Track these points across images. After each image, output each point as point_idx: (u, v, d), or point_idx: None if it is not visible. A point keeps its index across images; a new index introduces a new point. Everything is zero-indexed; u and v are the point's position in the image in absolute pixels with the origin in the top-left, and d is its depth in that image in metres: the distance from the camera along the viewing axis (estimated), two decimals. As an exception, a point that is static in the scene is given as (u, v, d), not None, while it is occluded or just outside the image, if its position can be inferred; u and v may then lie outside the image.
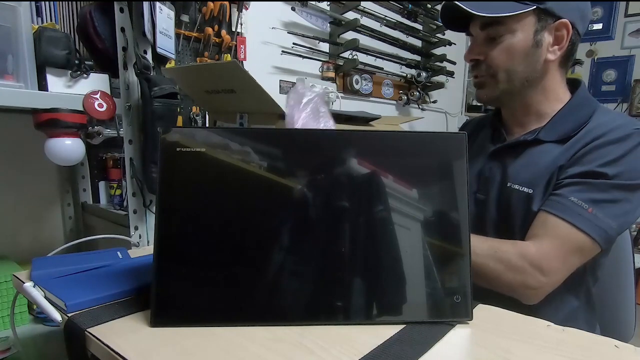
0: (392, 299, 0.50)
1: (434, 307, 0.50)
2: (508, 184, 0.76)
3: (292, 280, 0.49)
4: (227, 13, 1.66)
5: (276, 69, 1.97)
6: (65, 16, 1.23)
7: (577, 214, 0.66)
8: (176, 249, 0.49)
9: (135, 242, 0.99)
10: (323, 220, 0.50)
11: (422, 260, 0.50)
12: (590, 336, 0.49)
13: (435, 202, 0.51)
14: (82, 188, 1.30)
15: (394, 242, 0.50)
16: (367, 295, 0.50)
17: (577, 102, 0.78)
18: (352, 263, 0.50)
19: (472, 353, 0.45)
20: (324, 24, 2.15)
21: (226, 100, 1.01)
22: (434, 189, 0.51)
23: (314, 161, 0.51)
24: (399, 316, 0.50)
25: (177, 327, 0.47)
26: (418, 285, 0.50)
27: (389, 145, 0.52)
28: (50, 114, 0.83)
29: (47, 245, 1.22)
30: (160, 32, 0.95)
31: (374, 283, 0.50)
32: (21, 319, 0.94)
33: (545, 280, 0.66)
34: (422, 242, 0.50)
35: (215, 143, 0.49)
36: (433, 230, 0.51)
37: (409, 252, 0.50)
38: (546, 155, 0.74)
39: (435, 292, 0.50)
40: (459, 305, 0.50)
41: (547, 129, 0.76)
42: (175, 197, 0.49)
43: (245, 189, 0.50)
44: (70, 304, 0.51)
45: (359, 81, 2.34)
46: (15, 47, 0.80)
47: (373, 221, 0.50)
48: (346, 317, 0.49)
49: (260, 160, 0.49)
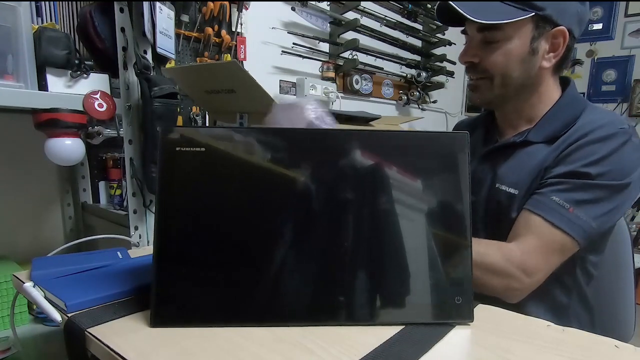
0: (394, 300, 0.50)
1: (435, 308, 0.50)
2: (497, 185, 0.77)
3: (292, 281, 0.49)
4: (227, 13, 1.66)
5: (276, 69, 1.97)
6: (65, 16, 1.23)
7: (558, 213, 0.67)
8: (176, 248, 0.48)
9: (135, 242, 0.99)
10: (323, 221, 0.50)
11: (423, 261, 0.50)
12: (590, 336, 0.49)
13: (438, 202, 0.51)
14: (82, 188, 1.30)
15: (396, 243, 0.50)
16: (369, 296, 0.50)
17: (565, 102, 0.78)
18: (353, 264, 0.49)
19: (472, 353, 0.45)
20: (324, 24, 2.15)
21: (226, 100, 1.01)
22: (435, 190, 0.51)
23: (315, 161, 0.50)
24: (400, 317, 0.50)
25: (177, 328, 0.47)
26: (419, 287, 0.50)
27: (390, 145, 0.51)
28: (50, 114, 0.83)
29: (47, 245, 1.22)
30: (160, 32, 0.95)
31: (374, 285, 0.50)
32: (21, 319, 0.94)
33: (529, 280, 0.67)
34: (424, 244, 0.50)
35: (215, 142, 0.49)
36: (435, 231, 0.51)
37: (410, 254, 0.50)
38: (534, 156, 0.75)
39: (436, 293, 0.50)
40: (460, 306, 0.50)
41: (536, 130, 0.77)
42: (175, 196, 0.49)
43: (245, 189, 0.50)
44: (70, 304, 0.51)
45: (359, 81, 2.34)
46: (15, 47, 0.80)
47: (375, 223, 0.50)
48: (346, 318, 0.49)
49: (261, 159, 0.49)
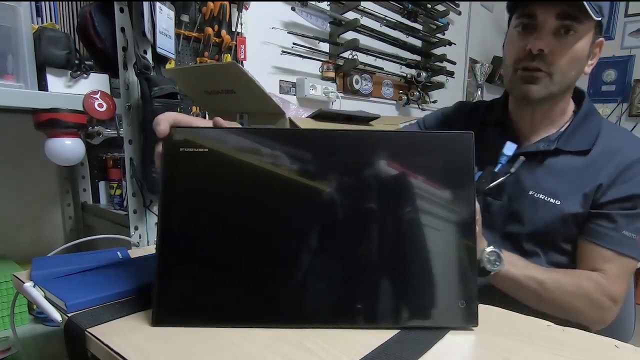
0: (394, 303, 0.49)
1: (437, 312, 0.49)
2: (530, 192, 0.76)
3: (295, 282, 0.49)
4: (227, 13, 1.66)
5: (276, 69, 1.97)
6: (65, 16, 1.23)
7: (630, 246, 0.72)
8: (178, 248, 0.48)
9: (135, 242, 0.99)
10: (325, 222, 0.49)
11: (426, 264, 0.49)
12: (590, 336, 0.49)
13: (443, 205, 0.50)
14: (82, 188, 1.30)
15: (400, 245, 0.49)
16: (369, 299, 0.49)
17: (586, 112, 0.80)
18: (353, 264, 0.49)
19: (472, 353, 0.45)
20: (324, 24, 2.15)
21: (226, 100, 1.01)
22: (440, 192, 0.50)
23: (319, 161, 0.50)
24: (401, 321, 0.48)
25: (178, 327, 0.47)
26: (421, 290, 0.49)
27: (394, 145, 0.50)
28: (50, 114, 0.83)
29: (47, 245, 1.22)
30: (160, 32, 0.95)
31: (375, 287, 0.49)
32: (21, 319, 0.94)
33: (616, 309, 0.72)
34: (428, 245, 0.49)
35: (219, 143, 0.49)
36: (439, 232, 0.49)
37: (413, 255, 0.49)
38: (569, 166, 0.75)
39: (439, 297, 0.49)
40: (464, 311, 0.48)
41: (565, 140, 0.77)
42: (178, 196, 0.49)
43: (248, 189, 0.50)
44: (71, 304, 0.51)
45: (359, 81, 2.34)
46: (15, 47, 0.80)
47: (379, 224, 0.49)
48: (350, 320, 0.48)
49: (263, 159, 0.49)
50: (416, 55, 2.70)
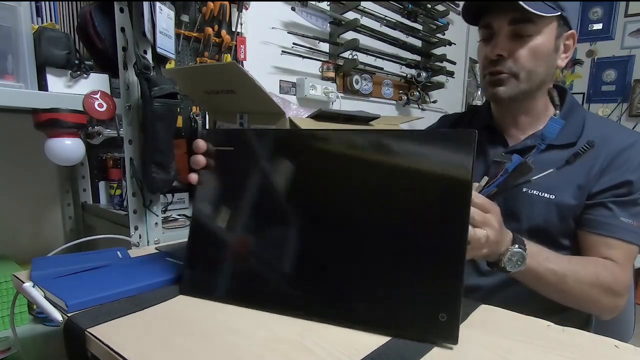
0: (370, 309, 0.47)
1: (414, 323, 0.46)
2: (524, 189, 0.77)
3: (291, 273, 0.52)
4: (227, 13, 1.66)
5: (276, 69, 1.97)
6: (65, 16, 1.23)
7: (631, 232, 0.73)
8: (207, 232, 0.58)
9: (135, 242, 0.99)
10: (332, 219, 0.53)
11: (407, 267, 0.47)
12: (590, 336, 0.49)
13: (435, 210, 0.48)
14: (82, 188, 1.30)
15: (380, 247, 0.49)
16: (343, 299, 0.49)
17: (570, 105, 0.82)
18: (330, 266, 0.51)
19: (472, 353, 0.45)
20: (324, 24, 2.14)
21: (226, 100, 1.01)
22: (435, 194, 0.48)
23: (318, 161, 0.55)
24: (379, 329, 0.47)
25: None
26: (397, 298, 0.47)
27: (393, 144, 0.51)
28: (50, 114, 0.83)
29: (47, 245, 1.22)
30: (160, 32, 0.95)
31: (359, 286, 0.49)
32: (21, 319, 0.94)
33: (627, 296, 0.73)
34: (412, 249, 0.47)
35: (244, 143, 0.59)
36: (427, 236, 0.47)
37: (395, 257, 0.48)
38: (559, 160, 0.74)
39: (417, 307, 0.46)
40: (444, 325, 0.44)
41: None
42: (209, 188, 0.59)
43: (263, 185, 0.56)
44: (71, 304, 0.51)
45: (359, 81, 2.34)
46: (15, 47, 0.80)
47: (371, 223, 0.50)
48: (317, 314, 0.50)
49: (279, 158, 0.56)
50: (416, 55, 2.70)
